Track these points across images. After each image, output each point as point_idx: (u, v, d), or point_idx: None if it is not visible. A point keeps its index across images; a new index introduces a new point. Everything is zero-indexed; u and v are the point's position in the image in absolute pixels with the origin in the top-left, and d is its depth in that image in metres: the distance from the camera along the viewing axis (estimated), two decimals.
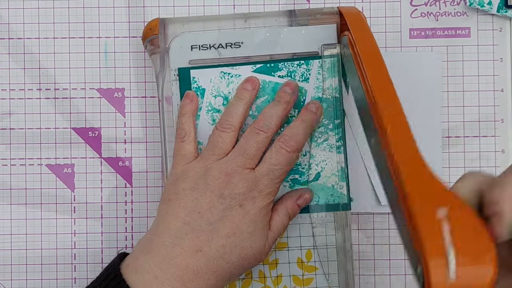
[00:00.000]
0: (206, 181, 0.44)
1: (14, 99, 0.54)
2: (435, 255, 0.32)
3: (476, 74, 0.54)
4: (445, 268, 0.31)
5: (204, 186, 0.44)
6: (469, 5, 0.54)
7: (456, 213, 0.33)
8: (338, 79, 0.49)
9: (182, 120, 0.48)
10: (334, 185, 0.49)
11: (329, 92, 0.49)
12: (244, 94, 0.48)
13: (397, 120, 0.39)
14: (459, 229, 0.32)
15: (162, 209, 0.45)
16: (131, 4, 0.55)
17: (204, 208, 0.44)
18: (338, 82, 0.49)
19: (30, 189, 0.54)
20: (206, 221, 0.43)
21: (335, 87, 0.49)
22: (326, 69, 0.49)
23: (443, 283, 0.31)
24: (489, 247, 0.32)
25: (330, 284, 0.49)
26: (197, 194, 0.44)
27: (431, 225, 0.32)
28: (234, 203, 0.44)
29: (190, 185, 0.45)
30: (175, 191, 0.45)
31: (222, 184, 0.44)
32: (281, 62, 0.49)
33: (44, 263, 0.54)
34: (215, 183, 0.44)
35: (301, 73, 0.49)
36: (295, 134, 0.46)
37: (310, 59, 0.49)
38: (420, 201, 0.34)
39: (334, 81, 0.49)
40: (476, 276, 0.32)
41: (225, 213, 0.44)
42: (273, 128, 0.46)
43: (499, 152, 0.54)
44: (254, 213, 0.44)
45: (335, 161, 0.49)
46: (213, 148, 0.46)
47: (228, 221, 0.44)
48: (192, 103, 0.48)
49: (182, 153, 0.47)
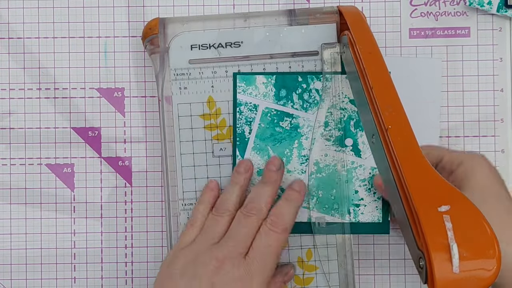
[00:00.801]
0: (195, 267, 0.43)
1: (14, 99, 0.54)
2: (438, 250, 0.32)
3: (476, 74, 0.54)
4: (449, 263, 0.32)
5: (194, 273, 0.43)
6: (469, 5, 0.54)
7: (458, 209, 0.33)
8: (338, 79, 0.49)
9: (199, 208, 0.47)
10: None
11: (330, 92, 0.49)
12: (238, 178, 0.47)
13: (398, 119, 0.39)
14: (462, 224, 0.33)
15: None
16: (131, 4, 0.55)
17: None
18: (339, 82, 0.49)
19: (30, 188, 0.54)
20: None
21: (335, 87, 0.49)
22: (326, 69, 0.49)
23: (447, 277, 0.31)
24: (491, 241, 0.32)
25: (330, 283, 0.49)
26: (186, 282, 0.42)
27: (434, 221, 0.33)
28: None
29: (180, 271, 0.43)
30: (167, 275, 0.44)
31: (213, 272, 0.42)
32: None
33: (44, 263, 0.54)
34: (204, 271, 0.42)
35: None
36: (281, 214, 0.45)
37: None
38: (423, 197, 0.34)
39: (334, 80, 0.49)
40: (479, 270, 0.32)
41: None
42: (264, 210, 0.45)
43: (499, 152, 0.54)
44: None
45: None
46: (206, 232, 0.45)
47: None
48: (212, 193, 0.48)
49: (184, 239, 0.46)
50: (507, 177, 0.54)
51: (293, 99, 0.49)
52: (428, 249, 0.32)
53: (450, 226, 0.32)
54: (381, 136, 0.40)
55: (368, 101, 0.42)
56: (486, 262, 0.32)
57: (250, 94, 0.49)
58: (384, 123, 0.39)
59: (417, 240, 0.34)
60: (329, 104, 0.49)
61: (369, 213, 0.49)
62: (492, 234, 0.33)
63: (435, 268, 0.32)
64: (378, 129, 0.40)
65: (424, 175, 0.36)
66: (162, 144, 0.50)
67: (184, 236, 0.46)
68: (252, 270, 0.42)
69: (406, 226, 0.36)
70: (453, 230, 0.32)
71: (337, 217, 0.49)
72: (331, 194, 0.49)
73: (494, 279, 0.32)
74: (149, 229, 0.54)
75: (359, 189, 0.49)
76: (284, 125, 0.49)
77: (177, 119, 0.49)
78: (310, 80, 0.49)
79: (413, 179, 0.35)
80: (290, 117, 0.49)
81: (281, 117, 0.49)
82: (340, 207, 0.49)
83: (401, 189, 0.36)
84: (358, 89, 0.45)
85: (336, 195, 0.49)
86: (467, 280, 0.32)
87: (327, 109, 0.49)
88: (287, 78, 0.49)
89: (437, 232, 0.32)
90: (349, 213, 0.49)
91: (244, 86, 0.49)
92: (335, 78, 0.49)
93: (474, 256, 0.32)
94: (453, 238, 0.32)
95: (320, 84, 0.49)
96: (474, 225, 0.33)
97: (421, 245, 0.33)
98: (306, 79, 0.49)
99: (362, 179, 0.49)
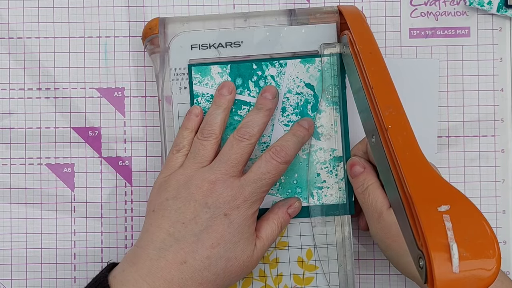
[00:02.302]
0: (189, 190, 0.44)
1: (14, 99, 0.54)
2: (438, 249, 0.32)
3: (476, 74, 0.54)
4: (448, 262, 0.32)
5: (187, 195, 0.44)
6: (469, 5, 0.54)
7: (458, 208, 0.33)
8: (338, 79, 0.49)
9: (184, 134, 0.47)
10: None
11: (329, 92, 0.49)
12: (221, 101, 0.48)
13: (398, 119, 0.39)
14: (461, 224, 0.33)
15: (147, 221, 0.45)
16: (131, 4, 0.55)
17: (187, 218, 0.43)
18: (338, 81, 0.49)
19: (30, 188, 0.54)
20: (190, 231, 0.43)
21: (335, 87, 0.49)
22: (326, 69, 0.49)
23: (447, 277, 0.31)
24: (491, 241, 0.32)
25: (330, 283, 0.49)
26: (180, 204, 0.44)
27: (434, 220, 0.33)
28: (219, 212, 0.43)
29: (173, 194, 0.44)
30: (158, 201, 0.45)
31: (206, 193, 0.43)
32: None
33: (44, 263, 0.54)
34: (198, 192, 0.44)
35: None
36: (286, 146, 0.46)
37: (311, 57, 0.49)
38: (422, 197, 0.34)
39: (334, 81, 0.49)
40: (479, 270, 0.32)
41: (210, 223, 0.43)
42: (256, 135, 0.46)
43: (499, 152, 0.54)
44: (239, 223, 0.43)
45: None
46: (194, 157, 0.46)
47: (213, 231, 0.43)
48: (197, 118, 0.48)
49: (171, 164, 0.46)
50: (507, 177, 0.54)
51: (249, 87, 0.49)
52: (428, 249, 0.32)
53: (450, 226, 0.32)
54: (381, 136, 0.40)
55: (368, 101, 0.42)
56: (485, 262, 0.32)
57: (206, 85, 0.49)
58: (384, 123, 0.39)
59: (417, 239, 0.34)
60: (285, 89, 0.49)
61: (333, 195, 0.49)
62: (492, 234, 0.33)
63: (435, 268, 0.32)
64: (378, 129, 0.40)
65: (424, 175, 0.36)
66: (162, 144, 0.50)
67: (171, 161, 0.47)
68: (245, 191, 0.44)
69: (406, 226, 0.36)
70: (453, 230, 0.32)
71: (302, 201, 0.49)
72: (293, 179, 0.49)
73: (494, 279, 0.32)
74: None
75: (320, 171, 0.49)
76: (243, 113, 0.49)
77: (177, 119, 0.49)
78: (265, 67, 0.49)
79: (413, 179, 0.35)
80: (247, 105, 0.49)
81: (238, 105, 0.49)
82: (303, 191, 0.49)
83: (400, 189, 0.36)
84: (358, 89, 0.45)
85: (298, 179, 0.49)
86: (466, 280, 0.32)
87: (283, 95, 0.49)
88: (242, 67, 0.49)
89: (437, 232, 0.32)
90: (313, 196, 0.49)
91: (200, 77, 0.49)
92: (289, 63, 0.49)
93: (474, 256, 0.32)
94: (453, 238, 0.32)
95: (275, 71, 0.49)
96: (473, 225, 0.33)
97: (421, 244, 0.33)
98: (260, 66, 0.49)
99: (322, 162, 0.49)
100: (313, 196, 0.49)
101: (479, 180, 0.54)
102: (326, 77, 0.49)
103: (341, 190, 0.49)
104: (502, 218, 0.54)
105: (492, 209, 0.54)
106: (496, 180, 0.54)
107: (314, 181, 0.49)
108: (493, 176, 0.54)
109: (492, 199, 0.54)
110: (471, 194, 0.54)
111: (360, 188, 0.47)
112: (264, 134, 0.49)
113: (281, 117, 0.49)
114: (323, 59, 0.49)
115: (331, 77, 0.49)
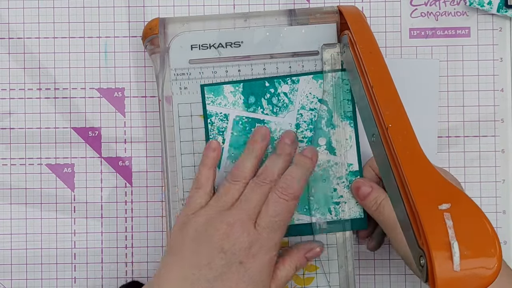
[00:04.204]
0: (207, 231, 0.43)
1: (14, 99, 0.54)
2: (439, 248, 0.32)
3: (476, 74, 0.54)
4: (449, 261, 0.32)
5: (205, 237, 0.42)
6: (469, 5, 0.54)
7: (458, 207, 0.33)
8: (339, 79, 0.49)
9: (202, 171, 0.47)
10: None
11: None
12: (255, 147, 0.47)
13: (398, 118, 0.39)
14: (462, 222, 0.33)
15: (164, 259, 0.44)
16: (131, 4, 0.55)
17: (203, 263, 0.42)
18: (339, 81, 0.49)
19: (30, 189, 0.54)
20: (204, 277, 0.41)
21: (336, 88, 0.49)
22: (326, 69, 0.49)
23: (448, 275, 0.31)
24: (492, 240, 0.32)
25: (331, 283, 0.49)
26: (197, 246, 0.42)
27: (435, 219, 0.33)
28: (234, 259, 0.42)
29: (192, 235, 0.43)
30: (178, 240, 0.44)
31: (223, 236, 0.42)
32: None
33: (44, 263, 0.54)
34: (215, 234, 0.42)
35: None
36: (291, 181, 0.44)
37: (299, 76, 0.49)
38: (423, 195, 0.34)
39: (335, 81, 0.49)
40: (480, 268, 0.32)
41: (224, 270, 0.41)
42: (277, 179, 0.45)
43: (499, 152, 0.54)
44: (254, 272, 0.42)
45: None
46: (219, 199, 0.45)
47: (227, 279, 0.41)
48: (215, 153, 0.47)
49: (192, 202, 0.46)
50: (508, 177, 0.54)
51: (262, 105, 0.49)
52: (429, 247, 0.32)
53: (450, 224, 0.32)
54: (381, 135, 0.40)
55: (368, 100, 0.42)
56: (487, 261, 0.32)
57: (219, 104, 0.49)
58: (384, 122, 0.39)
59: (418, 238, 0.34)
60: (298, 106, 0.49)
61: (350, 209, 0.49)
62: (493, 232, 0.33)
63: (435, 266, 0.32)
64: (379, 128, 0.40)
65: (424, 174, 0.36)
66: (162, 144, 0.50)
67: (193, 200, 0.46)
68: (261, 237, 0.42)
69: (406, 225, 0.36)
70: (454, 228, 0.32)
71: (319, 218, 0.49)
72: (310, 195, 0.49)
73: (495, 277, 0.32)
74: (149, 229, 0.54)
75: (337, 187, 0.49)
76: None
77: (177, 119, 0.49)
78: (277, 84, 0.49)
79: (413, 178, 0.35)
80: (261, 123, 0.49)
81: (252, 123, 0.49)
82: (321, 207, 0.49)
83: (401, 188, 0.36)
84: (358, 89, 0.45)
85: (315, 195, 0.49)
86: (467, 278, 0.32)
87: (297, 111, 0.49)
88: (254, 85, 0.49)
89: (437, 230, 0.32)
90: (330, 212, 0.49)
91: (213, 97, 0.49)
92: (302, 79, 0.49)
93: (475, 254, 0.32)
94: (453, 236, 0.32)
95: (287, 87, 0.49)
96: (474, 223, 0.33)
97: (422, 243, 0.33)
98: (273, 83, 0.49)
99: (339, 177, 0.49)
100: (331, 211, 0.49)
101: (479, 180, 0.54)
102: (338, 92, 0.49)
103: (359, 204, 0.49)
104: (502, 218, 0.54)
105: (492, 209, 0.54)
106: (496, 180, 0.54)
107: (331, 196, 0.49)
108: (493, 176, 0.54)
109: (492, 199, 0.54)
110: (471, 194, 0.53)
111: (374, 206, 0.47)
112: None
113: (296, 132, 0.49)
114: (334, 75, 0.49)
115: (342, 92, 0.49)
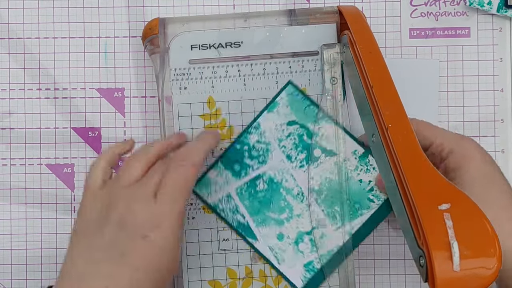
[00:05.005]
0: (108, 210, 0.41)
1: (14, 99, 0.54)
2: (439, 248, 0.32)
3: (476, 74, 0.54)
4: (449, 261, 0.32)
5: (107, 215, 0.41)
6: (469, 5, 0.54)
7: (458, 207, 0.33)
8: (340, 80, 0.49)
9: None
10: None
11: (330, 93, 0.49)
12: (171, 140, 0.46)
13: (398, 118, 0.39)
14: (462, 222, 0.33)
15: (70, 243, 0.42)
16: (131, 4, 0.55)
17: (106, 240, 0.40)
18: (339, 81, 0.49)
19: (30, 189, 0.54)
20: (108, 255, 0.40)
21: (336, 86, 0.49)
22: (326, 69, 0.49)
23: (448, 275, 0.31)
24: (492, 240, 0.32)
25: (330, 283, 0.49)
26: (99, 225, 0.41)
27: (434, 219, 0.33)
28: (137, 234, 0.40)
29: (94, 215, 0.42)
30: (80, 219, 0.42)
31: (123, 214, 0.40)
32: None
33: (44, 263, 0.54)
34: (116, 212, 0.41)
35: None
36: (190, 150, 0.43)
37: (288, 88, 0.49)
38: (423, 195, 0.34)
39: (335, 82, 0.49)
40: (480, 268, 0.32)
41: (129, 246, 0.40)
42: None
43: (499, 152, 0.54)
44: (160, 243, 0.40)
45: None
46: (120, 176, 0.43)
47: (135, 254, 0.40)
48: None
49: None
50: (508, 177, 0.54)
51: (248, 164, 0.49)
52: (429, 247, 0.32)
53: (450, 224, 0.32)
54: (381, 135, 0.40)
55: (368, 100, 0.42)
56: (486, 261, 0.32)
57: (215, 191, 0.49)
58: (384, 122, 0.39)
59: (418, 238, 0.34)
60: (275, 142, 0.49)
61: (380, 194, 0.48)
62: (493, 232, 0.33)
63: (435, 266, 0.32)
64: (378, 128, 0.40)
65: (424, 174, 0.36)
66: None
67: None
68: (162, 207, 0.41)
69: (406, 225, 0.36)
70: (454, 228, 0.32)
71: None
72: (342, 195, 0.48)
73: (495, 278, 0.32)
74: None
75: (359, 176, 0.48)
76: (261, 187, 0.49)
77: (177, 119, 0.49)
78: (246, 140, 0.49)
79: (413, 178, 0.35)
80: (260, 177, 0.49)
81: (253, 185, 0.49)
82: (360, 200, 0.48)
83: (401, 188, 0.36)
84: (358, 89, 0.45)
85: (348, 195, 0.48)
86: (467, 279, 0.32)
87: (279, 147, 0.49)
88: (230, 154, 0.49)
89: (437, 230, 0.32)
90: (372, 200, 0.48)
91: (206, 191, 0.49)
92: (261, 121, 0.49)
93: (475, 254, 0.32)
94: (453, 236, 0.32)
95: (255, 136, 0.49)
96: (474, 223, 0.33)
97: (422, 243, 0.33)
98: (243, 141, 0.49)
99: (355, 168, 0.48)
100: (373, 200, 0.48)
101: None
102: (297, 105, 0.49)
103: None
104: None
105: None
106: None
107: (362, 187, 0.48)
108: None
109: None
110: None
111: None
112: (291, 187, 0.49)
113: (291, 163, 0.49)
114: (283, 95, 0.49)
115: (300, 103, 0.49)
